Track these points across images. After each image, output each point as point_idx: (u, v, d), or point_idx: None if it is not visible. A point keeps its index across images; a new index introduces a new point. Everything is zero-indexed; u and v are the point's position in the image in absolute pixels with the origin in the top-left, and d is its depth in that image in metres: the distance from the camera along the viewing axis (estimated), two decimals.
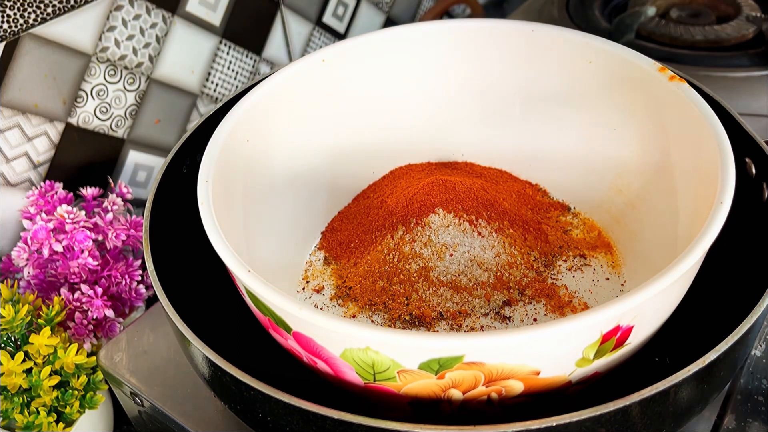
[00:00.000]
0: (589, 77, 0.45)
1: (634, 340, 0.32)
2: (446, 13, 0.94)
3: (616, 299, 0.28)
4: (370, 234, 0.45)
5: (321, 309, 0.44)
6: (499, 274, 0.41)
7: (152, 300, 0.54)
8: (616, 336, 0.30)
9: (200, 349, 0.33)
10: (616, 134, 0.45)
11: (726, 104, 0.42)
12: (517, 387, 0.31)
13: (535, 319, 0.41)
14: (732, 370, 0.34)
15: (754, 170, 0.40)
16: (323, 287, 0.45)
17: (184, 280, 0.38)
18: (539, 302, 0.42)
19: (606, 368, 0.32)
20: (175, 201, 0.41)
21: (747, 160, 0.40)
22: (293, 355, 0.35)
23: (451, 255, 0.41)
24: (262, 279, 0.32)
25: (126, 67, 0.59)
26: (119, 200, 0.54)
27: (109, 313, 0.50)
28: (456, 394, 0.31)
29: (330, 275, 0.46)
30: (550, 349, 0.29)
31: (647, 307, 0.30)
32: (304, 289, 0.46)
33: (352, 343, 0.30)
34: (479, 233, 0.42)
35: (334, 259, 0.46)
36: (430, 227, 0.42)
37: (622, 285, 0.43)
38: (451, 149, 0.52)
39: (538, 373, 0.30)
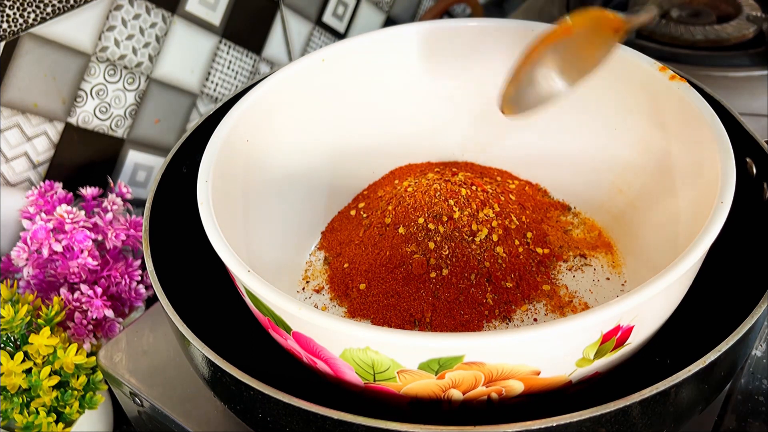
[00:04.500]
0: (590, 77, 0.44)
1: (635, 340, 0.32)
2: (446, 13, 0.94)
3: (617, 299, 0.28)
4: (369, 234, 0.45)
5: (321, 309, 0.44)
6: (499, 273, 0.41)
7: (152, 300, 0.54)
8: (617, 336, 0.30)
9: (200, 349, 0.32)
10: (616, 134, 0.45)
11: (726, 104, 0.42)
12: (517, 387, 0.31)
13: (535, 319, 0.41)
14: (732, 371, 0.34)
15: (754, 170, 0.40)
16: (323, 287, 0.45)
17: (184, 280, 0.38)
18: (539, 302, 0.42)
19: (606, 368, 0.32)
20: (175, 201, 0.41)
21: (747, 159, 0.40)
22: (293, 355, 0.34)
23: (451, 255, 0.41)
24: (261, 279, 0.31)
25: (126, 67, 0.59)
26: (119, 200, 0.54)
27: (109, 313, 0.50)
28: (456, 394, 0.31)
29: (330, 275, 0.46)
30: (551, 349, 0.29)
31: (647, 307, 0.30)
32: (304, 289, 0.46)
33: (352, 343, 0.30)
34: (479, 233, 0.42)
35: (335, 259, 0.46)
36: (431, 227, 0.42)
37: (623, 285, 0.43)
38: (452, 148, 0.52)
39: (538, 373, 0.30)
